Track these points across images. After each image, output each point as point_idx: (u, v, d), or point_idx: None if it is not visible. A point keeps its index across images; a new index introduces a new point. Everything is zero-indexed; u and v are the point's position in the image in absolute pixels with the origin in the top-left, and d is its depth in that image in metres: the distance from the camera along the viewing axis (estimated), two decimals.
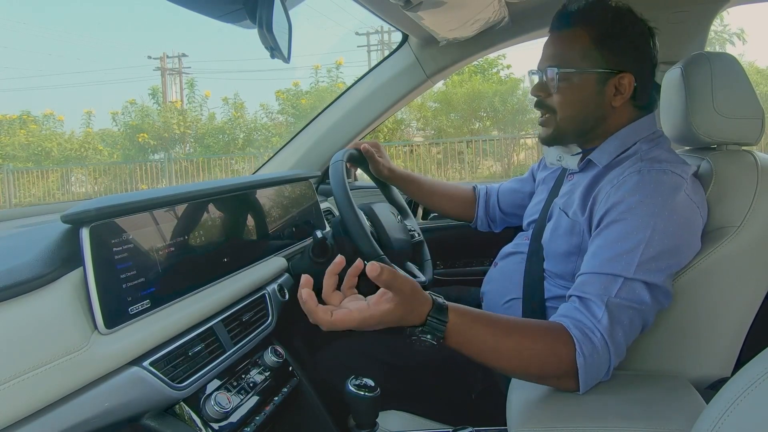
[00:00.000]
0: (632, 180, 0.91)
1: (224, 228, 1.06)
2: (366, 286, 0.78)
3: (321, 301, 0.76)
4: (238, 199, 1.14)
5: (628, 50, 1.00)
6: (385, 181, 1.47)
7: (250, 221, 1.17)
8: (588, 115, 1.02)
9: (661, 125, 1.13)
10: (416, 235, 1.43)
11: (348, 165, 1.45)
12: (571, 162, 1.08)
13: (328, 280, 0.78)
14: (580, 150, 1.06)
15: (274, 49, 0.78)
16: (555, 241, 1.05)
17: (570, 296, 0.88)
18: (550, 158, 1.15)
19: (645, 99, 1.03)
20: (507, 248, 1.25)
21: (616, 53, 0.99)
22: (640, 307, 0.85)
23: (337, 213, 1.62)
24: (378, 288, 0.74)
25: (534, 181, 1.39)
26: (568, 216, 1.02)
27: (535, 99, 1.06)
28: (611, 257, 0.86)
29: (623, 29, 0.99)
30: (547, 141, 1.08)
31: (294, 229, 1.36)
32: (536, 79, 1.07)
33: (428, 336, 0.76)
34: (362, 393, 0.92)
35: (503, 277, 1.20)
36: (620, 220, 0.88)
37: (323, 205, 1.63)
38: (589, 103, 1.01)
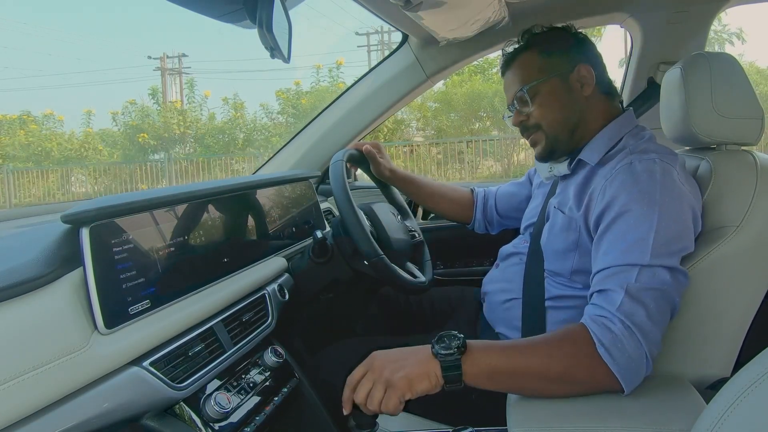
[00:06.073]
0: (625, 172, 0.92)
1: (224, 228, 1.06)
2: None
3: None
4: (238, 199, 1.14)
5: (572, 46, 1.09)
6: (385, 181, 1.47)
7: (250, 221, 1.17)
8: (569, 113, 1.07)
9: (661, 125, 1.13)
10: (416, 235, 1.43)
11: (348, 165, 1.45)
12: (562, 167, 1.11)
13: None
14: (567, 156, 1.10)
15: (274, 49, 0.78)
16: (553, 239, 1.06)
17: (591, 294, 0.89)
18: (544, 173, 1.18)
19: (608, 83, 1.10)
20: (507, 248, 1.26)
21: (563, 53, 1.08)
22: (662, 287, 0.84)
23: (337, 213, 1.62)
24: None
25: (531, 184, 1.41)
26: (563, 213, 1.04)
27: (520, 129, 1.13)
28: (625, 249, 0.87)
29: (559, 34, 1.11)
30: (545, 156, 1.11)
31: (294, 229, 1.36)
32: (512, 114, 1.14)
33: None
34: None
35: (504, 277, 1.20)
36: (624, 212, 0.89)
37: (323, 205, 1.63)
38: (565, 102, 1.07)
